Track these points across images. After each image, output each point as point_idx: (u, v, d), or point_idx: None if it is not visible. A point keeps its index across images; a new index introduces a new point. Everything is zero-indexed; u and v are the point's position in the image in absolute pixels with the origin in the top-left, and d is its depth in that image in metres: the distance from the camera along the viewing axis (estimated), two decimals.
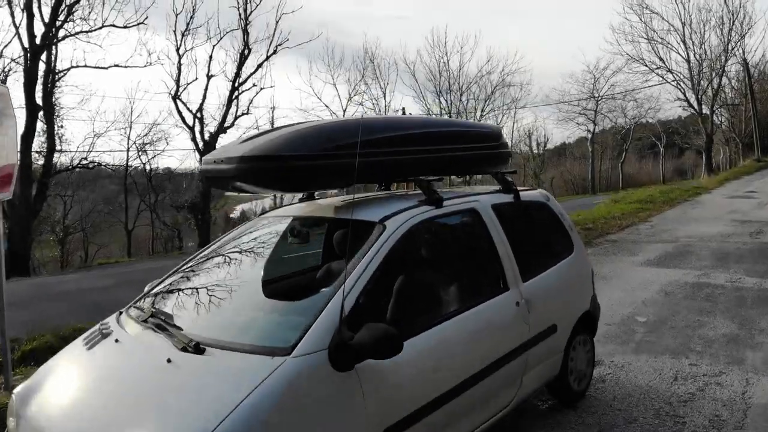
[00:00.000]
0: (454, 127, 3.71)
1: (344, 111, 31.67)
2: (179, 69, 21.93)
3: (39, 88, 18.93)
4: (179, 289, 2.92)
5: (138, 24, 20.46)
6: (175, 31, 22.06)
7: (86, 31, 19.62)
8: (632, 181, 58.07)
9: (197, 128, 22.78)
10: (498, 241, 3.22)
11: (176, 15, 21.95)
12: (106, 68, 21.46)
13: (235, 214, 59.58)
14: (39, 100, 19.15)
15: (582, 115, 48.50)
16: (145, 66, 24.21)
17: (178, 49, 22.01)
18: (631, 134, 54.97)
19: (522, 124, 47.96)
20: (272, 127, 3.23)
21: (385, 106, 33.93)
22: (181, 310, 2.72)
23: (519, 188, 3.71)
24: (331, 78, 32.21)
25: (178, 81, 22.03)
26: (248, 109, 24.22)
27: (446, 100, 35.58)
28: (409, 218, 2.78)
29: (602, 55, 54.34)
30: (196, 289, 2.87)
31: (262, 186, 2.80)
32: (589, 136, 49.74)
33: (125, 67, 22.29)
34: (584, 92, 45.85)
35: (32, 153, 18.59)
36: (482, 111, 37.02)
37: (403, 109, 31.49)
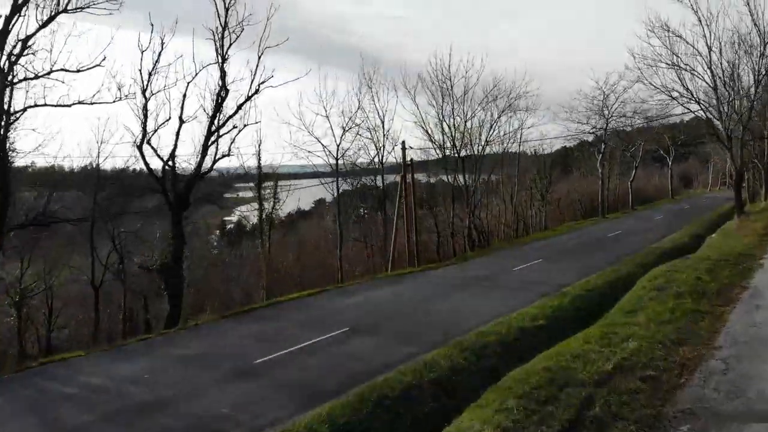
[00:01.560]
0: None
1: (338, 146, 29.15)
2: (145, 114, 19.22)
3: None
4: None
5: (94, 66, 17.83)
6: (141, 70, 19.36)
7: (32, 78, 16.99)
8: (641, 195, 56.15)
9: (169, 178, 20.09)
10: None
11: (141, 52, 19.24)
12: (69, 106, 18.88)
13: (234, 217, 54.20)
14: None
15: (591, 134, 46.13)
16: (114, 102, 21.36)
17: (144, 91, 19.31)
18: (641, 151, 52.86)
19: (529, 146, 45.17)
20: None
21: (384, 135, 31.43)
22: None
23: None
24: (324, 110, 29.46)
25: (144, 127, 19.34)
26: (229, 149, 21.63)
27: (449, 126, 33.11)
28: None
29: (611, 70, 51.67)
30: None
31: None
32: (596, 148, 47.45)
33: (91, 104, 19.68)
34: (593, 109, 43.39)
35: None
36: (487, 137, 34.57)
37: (403, 142, 28.91)
